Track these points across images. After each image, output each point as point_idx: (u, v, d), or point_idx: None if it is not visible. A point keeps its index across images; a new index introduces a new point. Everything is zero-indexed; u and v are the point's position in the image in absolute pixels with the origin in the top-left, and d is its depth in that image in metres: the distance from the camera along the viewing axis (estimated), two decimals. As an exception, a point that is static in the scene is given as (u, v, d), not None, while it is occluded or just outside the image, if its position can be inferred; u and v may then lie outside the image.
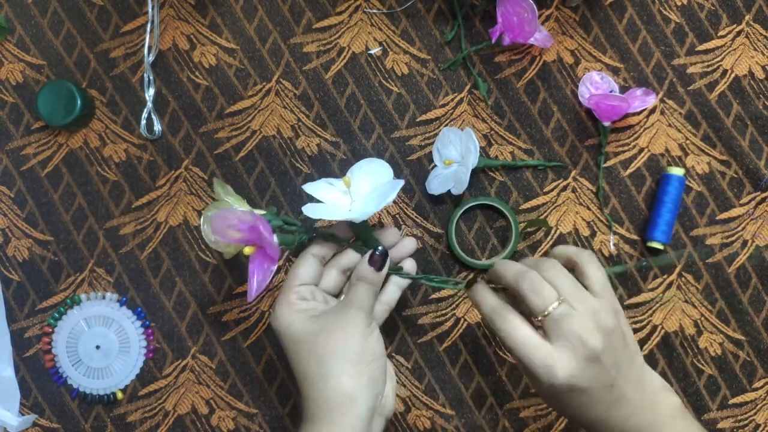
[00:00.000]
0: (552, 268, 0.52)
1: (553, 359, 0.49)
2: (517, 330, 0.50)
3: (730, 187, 0.68)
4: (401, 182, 0.56)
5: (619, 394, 0.50)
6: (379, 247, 0.56)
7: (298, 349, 0.53)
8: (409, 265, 0.60)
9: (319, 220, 0.62)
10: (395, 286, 0.60)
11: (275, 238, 0.54)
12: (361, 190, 0.58)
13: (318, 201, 0.58)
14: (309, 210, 0.55)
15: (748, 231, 0.68)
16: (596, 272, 0.53)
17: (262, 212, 0.56)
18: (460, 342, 0.68)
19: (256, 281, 0.54)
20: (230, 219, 0.53)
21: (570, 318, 0.49)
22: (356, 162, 0.60)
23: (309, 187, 0.59)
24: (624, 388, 0.50)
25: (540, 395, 0.53)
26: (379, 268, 0.56)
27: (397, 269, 0.59)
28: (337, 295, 0.59)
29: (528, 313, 0.51)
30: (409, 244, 0.60)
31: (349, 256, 0.58)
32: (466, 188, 0.63)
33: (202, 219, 0.57)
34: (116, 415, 0.69)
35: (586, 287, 0.52)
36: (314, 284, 0.57)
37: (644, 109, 0.68)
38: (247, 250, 0.54)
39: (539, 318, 0.50)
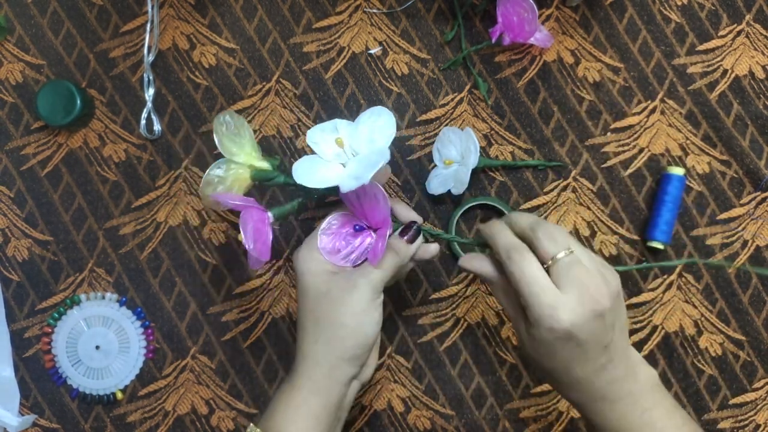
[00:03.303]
0: (558, 227, 0.52)
1: (560, 303, 0.49)
2: (531, 266, 0.50)
3: (731, 187, 0.68)
4: (386, 152, 0.54)
5: (609, 357, 0.50)
6: (416, 222, 0.57)
7: (304, 298, 0.55)
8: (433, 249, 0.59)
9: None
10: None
11: (270, 216, 0.55)
12: (361, 149, 0.57)
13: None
14: (298, 175, 0.55)
15: (748, 231, 0.68)
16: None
17: (267, 165, 0.57)
18: (460, 342, 0.68)
19: (255, 243, 0.54)
20: (227, 203, 0.55)
21: (580, 266, 0.50)
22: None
23: (311, 135, 0.58)
24: (614, 354, 0.51)
25: (527, 346, 0.53)
26: (411, 241, 0.56)
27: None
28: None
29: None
30: (433, 249, 0.59)
31: None
32: (466, 188, 0.63)
33: (202, 181, 0.57)
34: (116, 415, 0.69)
35: None
36: None
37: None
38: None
39: (550, 262, 0.50)
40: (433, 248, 0.58)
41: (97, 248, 0.69)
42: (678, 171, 0.66)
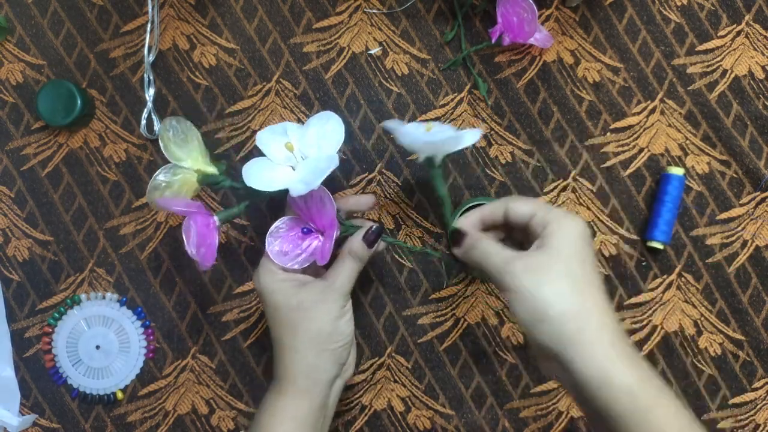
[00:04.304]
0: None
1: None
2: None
3: (730, 187, 0.68)
4: (335, 158, 0.54)
5: None
6: (374, 225, 0.57)
7: (275, 316, 0.56)
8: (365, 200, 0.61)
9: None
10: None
11: (216, 220, 0.56)
12: (310, 153, 0.57)
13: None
14: (248, 177, 0.55)
15: (748, 231, 0.68)
16: None
17: (214, 170, 0.58)
18: (460, 342, 0.68)
19: (197, 237, 0.55)
20: (170, 208, 0.56)
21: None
22: (357, 164, 0.60)
23: (260, 137, 0.58)
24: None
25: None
26: (371, 245, 0.57)
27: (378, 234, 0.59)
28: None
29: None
30: (368, 200, 0.61)
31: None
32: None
33: (149, 186, 0.57)
34: (116, 415, 0.69)
35: None
36: None
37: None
38: None
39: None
40: (366, 199, 0.61)
41: (97, 248, 0.69)
42: (678, 171, 0.66)
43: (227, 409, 0.68)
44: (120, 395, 0.68)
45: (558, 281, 0.49)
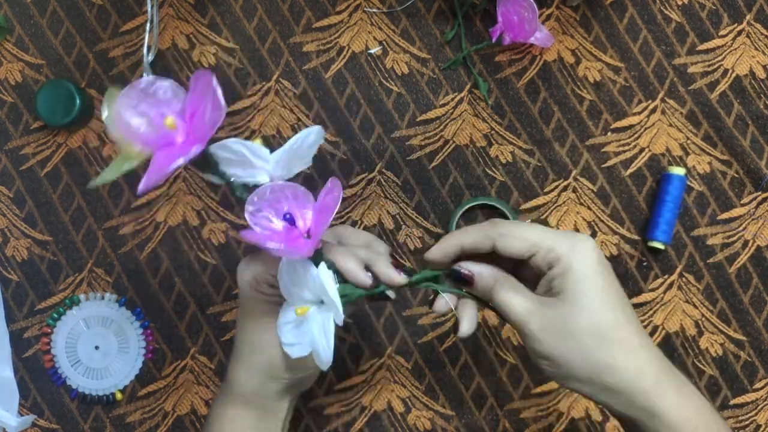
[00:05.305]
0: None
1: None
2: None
3: (731, 187, 0.68)
4: (316, 129, 0.47)
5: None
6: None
7: (243, 320, 0.52)
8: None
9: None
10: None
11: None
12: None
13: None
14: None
15: (749, 231, 0.68)
16: None
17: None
18: (460, 342, 0.68)
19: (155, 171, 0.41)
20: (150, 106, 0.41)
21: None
22: (356, 164, 0.59)
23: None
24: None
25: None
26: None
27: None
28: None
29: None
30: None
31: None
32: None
33: (104, 100, 0.43)
34: (115, 415, 0.69)
35: None
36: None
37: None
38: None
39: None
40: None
41: (96, 248, 0.69)
42: (678, 171, 0.66)
43: (227, 410, 0.68)
44: (119, 396, 0.68)
45: (586, 338, 0.45)
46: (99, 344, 0.68)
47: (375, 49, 0.69)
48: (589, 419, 0.68)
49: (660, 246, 0.66)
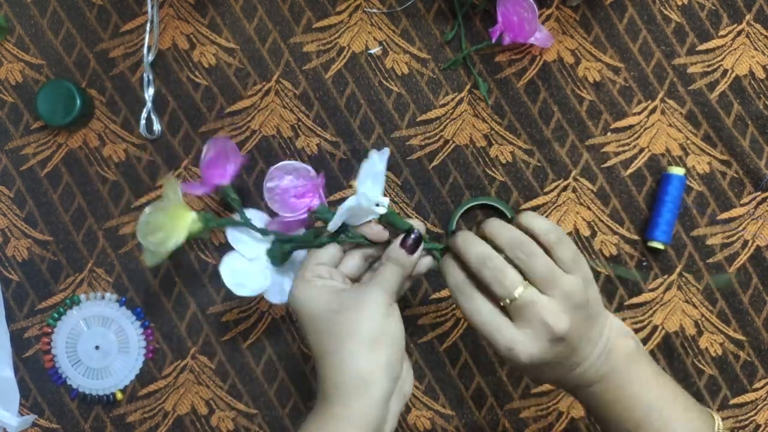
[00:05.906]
0: (527, 248, 0.49)
1: (515, 342, 0.48)
2: (480, 310, 0.50)
3: (731, 187, 0.68)
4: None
5: (581, 357, 0.50)
6: (415, 230, 0.53)
7: (315, 327, 0.50)
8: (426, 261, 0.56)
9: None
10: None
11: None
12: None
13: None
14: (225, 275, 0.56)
15: (748, 231, 0.68)
16: (566, 251, 0.50)
17: (199, 224, 0.56)
18: (460, 342, 0.68)
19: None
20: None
21: (534, 305, 0.48)
22: (357, 164, 0.59)
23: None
24: (584, 351, 0.50)
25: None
26: (411, 252, 0.52)
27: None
28: (356, 280, 0.55)
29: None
30: (426, 263, 0.55)
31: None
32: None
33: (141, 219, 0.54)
34: (116, 415, 0.69)
35: (558, 264, 0.50)
36: (333, 266, 0.54)
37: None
38: None
39: (503, 303, 0.49)
40: (427, 261, 0.55)
41: (96, 248, 0.69)
42: (678, 171, 0.66)
43: (227, 410, 0.68)
44: (119, 395, 0.68)
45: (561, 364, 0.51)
46: (99, 344, 0.69)
47: (375, 50, 0.69)
48: (589, 419, 0.68)
49: (660, 246, 0.66)
